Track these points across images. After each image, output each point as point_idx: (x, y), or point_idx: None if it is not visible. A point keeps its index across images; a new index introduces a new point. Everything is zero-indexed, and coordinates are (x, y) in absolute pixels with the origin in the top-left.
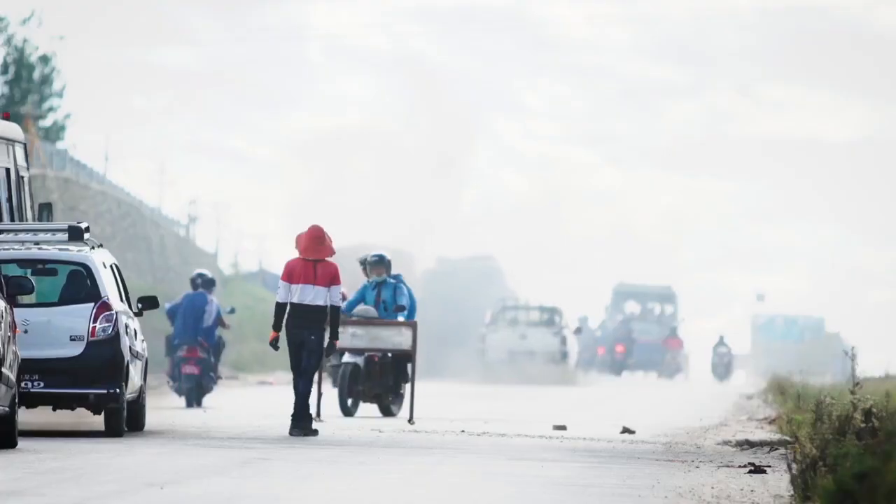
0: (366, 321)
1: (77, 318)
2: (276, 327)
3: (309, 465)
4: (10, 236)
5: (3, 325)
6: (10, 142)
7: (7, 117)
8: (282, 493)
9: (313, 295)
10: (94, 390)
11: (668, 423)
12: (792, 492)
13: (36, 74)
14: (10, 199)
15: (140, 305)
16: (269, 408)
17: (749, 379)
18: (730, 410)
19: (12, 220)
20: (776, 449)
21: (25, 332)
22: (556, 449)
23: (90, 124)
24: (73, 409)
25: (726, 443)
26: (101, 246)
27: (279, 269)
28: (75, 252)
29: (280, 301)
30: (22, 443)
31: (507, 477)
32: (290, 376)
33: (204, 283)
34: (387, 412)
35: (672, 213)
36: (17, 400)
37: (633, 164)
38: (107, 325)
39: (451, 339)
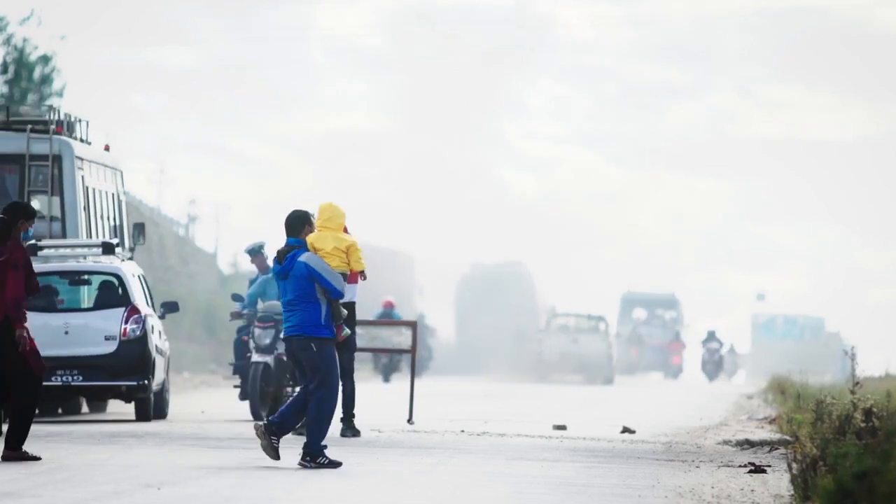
0: (367, 322)
1: (110, 321)
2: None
3: (307, 466)
4: (53, 251)
5: None
6: (114, 170)
7: (108, 149)
8: (280, 493)
9: (348, 294)
10: (126, 382)
11: (669, 423)
12: (792, 491)
13: (36, 74)
14: (112, 220)
15: (163, 309)
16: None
17: (749, 378)
18: (730, 410)
19: (114, 236)
20: (776, 449)
21: (66, 333)
22: (556, 449)
23: (90, 124)
24: (107, 399)
25: (726, 442)
26: (130, 258)
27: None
28: (108, 264)
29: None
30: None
31: (507, 477)
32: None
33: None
34: None
35: (673, 213)
36: None
37: (634, 165)
38: (136, 326)
39: (491, 340)
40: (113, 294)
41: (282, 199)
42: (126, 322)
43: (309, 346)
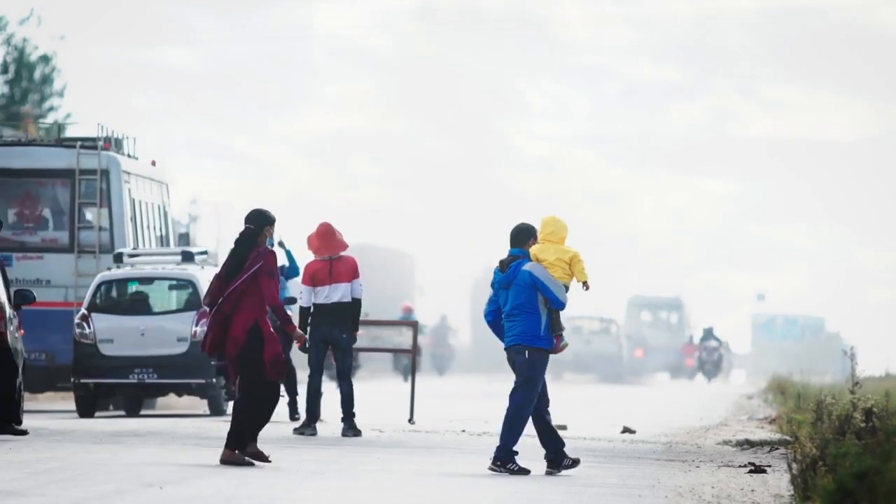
0: (368, 321)
1: (182, 323)
2: (304, 330)
3: (309, 466)
4: (136, 259)
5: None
6: (160, 183)
7: (154, 164)
8: (281, 493)
9: (340, 293)
10: (196, 380)
11: (669, 423)
12: (792, 491)
13: (36, 74)
14: (158, 230)
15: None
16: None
17: (749, 378)
18: (730, 410)
19: (160, 246)
20: (776, 449)
21: (142, 334)
22: None
23: (90, 124)
24: (180, 395)
25: (726, 442)
26: (214, 265)
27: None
28: (182, 270)
29: (304, 306)
30: (20, 443)
31: (507, 477)
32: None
33: None
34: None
35: (673, 212)
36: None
37: (634, 165)
38: (205, 328)
39: None
40: (185, 299)
41: (282, 198)
42: (196, 325)
43: (523, 352)
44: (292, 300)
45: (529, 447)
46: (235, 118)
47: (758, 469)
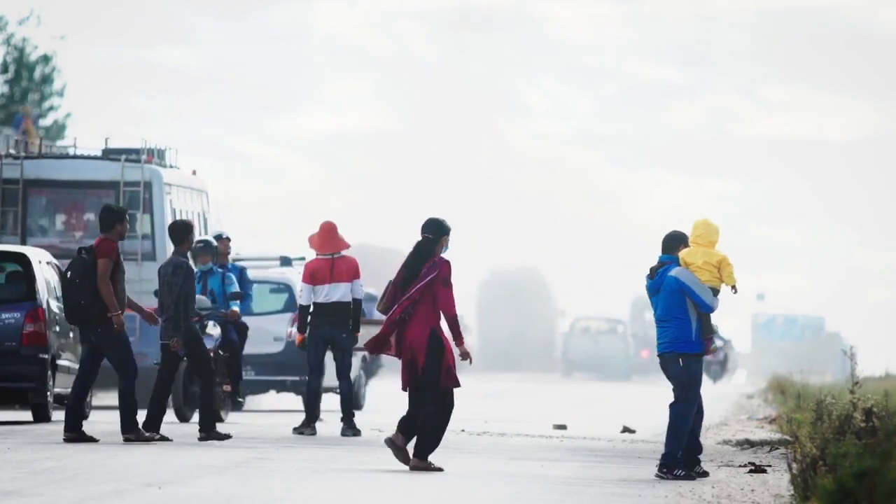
0: (367, 320)
1: (279, 324)
2: (302, 329)
3: (308, 466)
4: (238, 263)
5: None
6: (200, 192)
7: (195, 173)
8: (281, 493)
9: (340, 292)
10: (290, 377)
11: None
12: (792, 491)
13: (36, 74)
14: (199, 236)
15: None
16: (268, 407)
17: (749, 378)
18: (730, 410)
19: None
20: (776, 448)
21: None
22: (557, 448)
23: (90, 124)
24: (277, 391)
25: (726, 442)
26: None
27: None
28: (282, 275)
29: (304, 304)
30: (20, 442)
31: (507, 477)
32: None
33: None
34: (216, 417)
35: (674, 213)
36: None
37: (635, 165)
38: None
39: (518, 339)
40: (282, 301)
41: (283, 198)
42: (292, 325)
43: (676, 360)
44: (238, 295)
45: (527, 447)
46: (235, 118)
47: (758, 469)
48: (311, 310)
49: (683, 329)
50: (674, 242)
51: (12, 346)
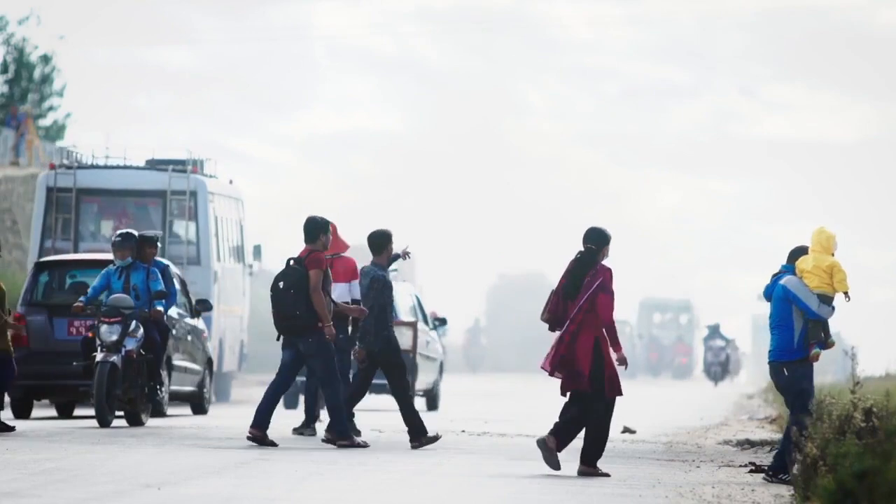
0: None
1: None
2: None
3: (307, 466)
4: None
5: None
6: (237, 200)
7: (231, 182)
8: (280, 493)
9: (337, 293)
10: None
11: (669, 423)
12: (792, 491)
13: (36, 73)
14: (235, 241)
15: (436, 322)
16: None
17: (750, 378)
18: (730, 410)
19: (237, 260)
20: (777, 448)
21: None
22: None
23: (90, 123)
24: (378, 393)
25: (727, 442)
26: (404, 281)
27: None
28: None
29: None
30: (18, 444)
31: (507, 477)
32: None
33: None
34: (135, 421)
35: (674, 213)
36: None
37: (635, 165)
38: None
39: (519, 341)
40: None
41: (283, 198)
42: None
43: (781, 370)
44: (162, 294)
45: (527, 447)
46: (235, 118)
47: (758, 469)
48: None
49: (786, 338)
50: (798, 253)
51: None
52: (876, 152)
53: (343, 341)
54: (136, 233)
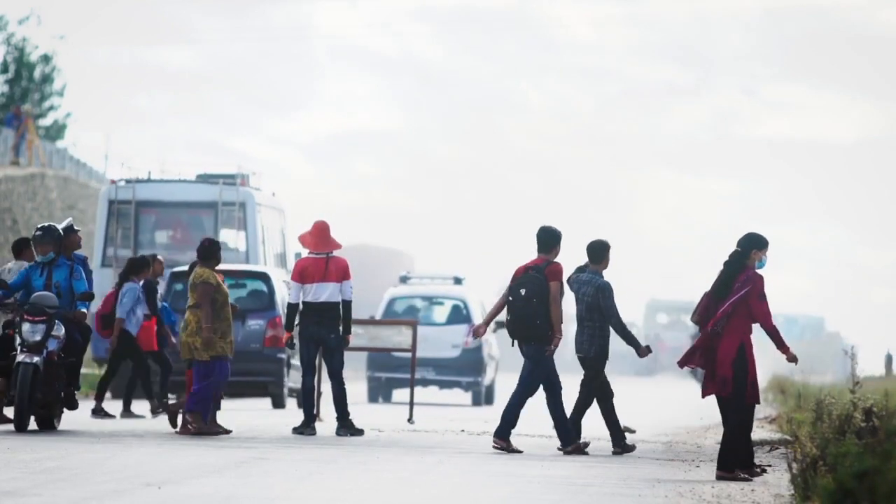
0: (364, 320)
1: (456, 334)
2: (290, 328)
3: (307, 465)
4: (418, 281)
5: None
6: (279, 210)
7: (274, 194)
8: (280, 493)
9: (328, 292)
10: (465, 378)
11: (669, 423)
12: (792, 491)
13: (36, 73)
14: (279, 249)
15: (496, 326)
16: (266, 407)
17: None
18: None
19: (280, 266)
20: (776, 448)
21: (425, 340)
22: (556, 448)
23: (90, 123)
24: (451, 389)
25: None
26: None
27: None
28: (457, 291)
29: (292, 302)
30: (18, 443)
31: (507, 477)
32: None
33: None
34: (47, 425)
35: (675, 213)
36: None
37: (635, 165)
38: (474, 338)
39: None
40: (459, 314)
41: (283, 198)
42: (467, 335)
43: None
44: (88, 296)
45: (527, 447)
46: (235, 118)
47: (759, 469)
48: (301, 308)
49: None
50: None
51: (256, 348)
52: (876, 152)
53: (333, 341)
54: (58, 226)
